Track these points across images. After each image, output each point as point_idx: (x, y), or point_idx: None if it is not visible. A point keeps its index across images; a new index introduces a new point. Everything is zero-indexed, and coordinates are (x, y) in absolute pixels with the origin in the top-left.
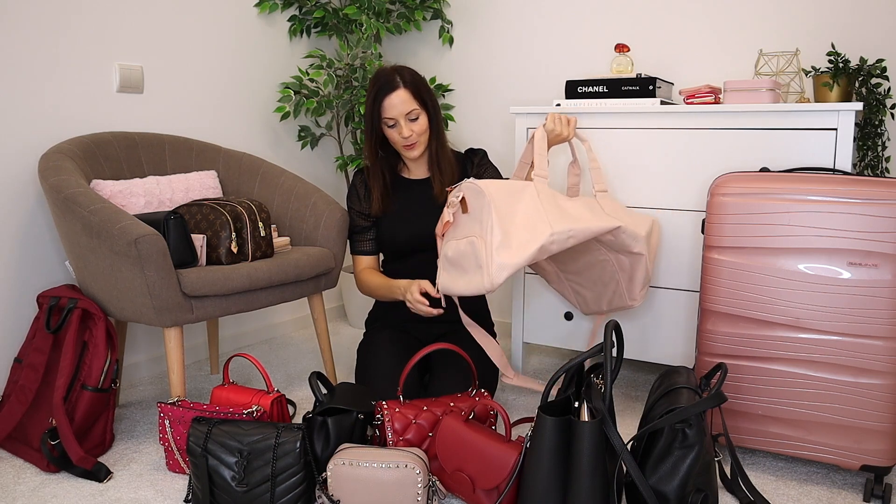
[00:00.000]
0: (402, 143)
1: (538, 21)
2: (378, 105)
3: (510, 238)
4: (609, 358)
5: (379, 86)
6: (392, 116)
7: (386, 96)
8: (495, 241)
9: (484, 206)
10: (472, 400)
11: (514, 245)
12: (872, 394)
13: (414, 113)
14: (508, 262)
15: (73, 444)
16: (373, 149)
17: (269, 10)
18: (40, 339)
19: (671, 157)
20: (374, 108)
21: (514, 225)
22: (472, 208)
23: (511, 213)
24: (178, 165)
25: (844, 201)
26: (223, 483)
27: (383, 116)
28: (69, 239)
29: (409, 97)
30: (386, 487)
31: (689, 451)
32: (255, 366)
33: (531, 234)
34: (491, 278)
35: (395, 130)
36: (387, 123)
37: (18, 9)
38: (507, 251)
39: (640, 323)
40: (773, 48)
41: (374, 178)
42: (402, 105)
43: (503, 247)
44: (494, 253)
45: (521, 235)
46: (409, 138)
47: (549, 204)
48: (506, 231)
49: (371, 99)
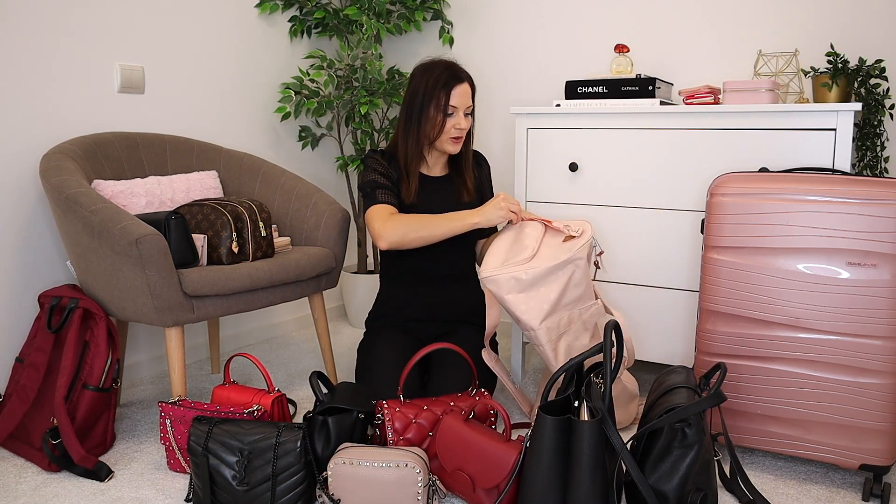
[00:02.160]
0: (454, 135)
1: (538, 22)
2: (448, 91)
3: (528, 281)
4: (609, 357)
5: (449, 74)
6: (456, 104)
7: (457, 84)
8: (529, 269)
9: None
10: (473, 399)
11: (523, 282)
12: (871, 393)
13: (469, 108)
14: (499, 275)
15: (75, 443)
16: (430, 136)
17: (270, 10)
18: (42, 338)
19: (671, 157)
20: (441, 95)
21: (538, 282)
22: (562, 250)
23: (567, 289)
24: (179, 165)
25: (843, 201)
26: (224, 482)
27: (450, 102)
28: (70, 239)
29: (470, 93)
30: (386, 487)
31: (689, 451)
32: (256, 365)
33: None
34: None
35: (453, 120)
36: (448, 111)
37: (19, 9)
38: (514, 273)
39: (639, 323)
40: (772, 49)
41: (413, 168)
42: (466, 97)
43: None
44: (519, 266)
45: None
46: (461, 131)
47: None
48: (535, 277)
49: (439, 84)
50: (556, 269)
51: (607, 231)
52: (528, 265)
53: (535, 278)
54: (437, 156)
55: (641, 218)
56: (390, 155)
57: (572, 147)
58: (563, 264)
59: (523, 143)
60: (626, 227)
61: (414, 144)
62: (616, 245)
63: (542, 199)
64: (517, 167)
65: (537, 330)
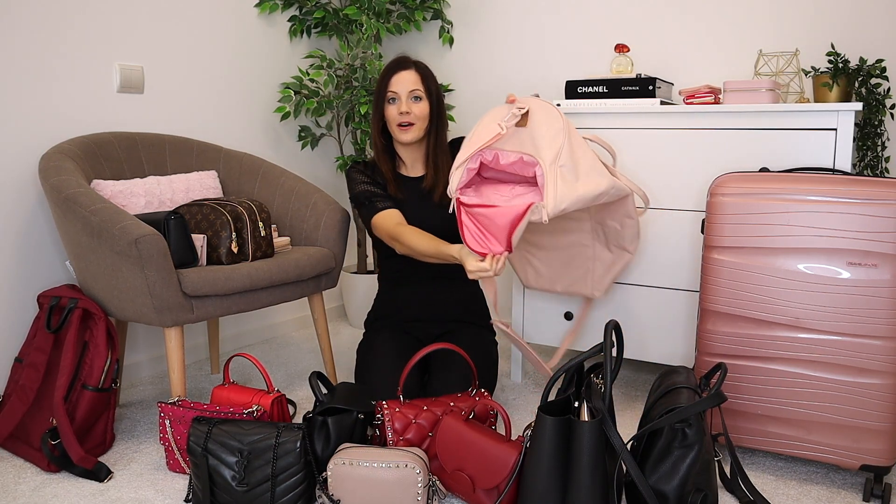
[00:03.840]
0: (399, 121)
1: (538, 21)
2: (386, 80)
3: (577, 172)
4: (609, 358)
5: (389, 65)
6: (396, 91)
7: (396, 73)
8: (564, 168)
9: (554, 128)
10: (472, 400)
11: (580, 179)
12: (872, 393)
13: (417, 93)
14: (567, 196)
15: (74, 443)
16: (377, 130)
17: (270, 10)
18: (41, 338)
19: (671, 157)
20: (381, 84)
21: (581, 162)
22: (536, 124)
23: (578, 150)
24: (179, 165)
25: (844, 201)
26: (223, 483)
27: (388, 90)
28: (70, 239)
29: (417, 79)
30: (386, 487)
31: (689, 451)
32: (256, 365)
33: (596, 177)
34: (548, 209)
35: (395, 106)
36: (389, 98)
37: (19, 9)
38: (568, 185)
39: (639, 323)
40: (772, 48)
41: (385, 168)
42: (408, 83)
43: (569, 179)
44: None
45: (586, 175)
46: (407, 116)
47: (599, 163)
48: (575, 162)
49: (381, 76)
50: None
51: None
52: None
53: (571, 166)
54: (410, 154)
55: (642, 218)
56: (372, 164)
57: None
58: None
59: None
60: None
61: (377, 144)
62: None
63: None
64: None
65: (614, 181)
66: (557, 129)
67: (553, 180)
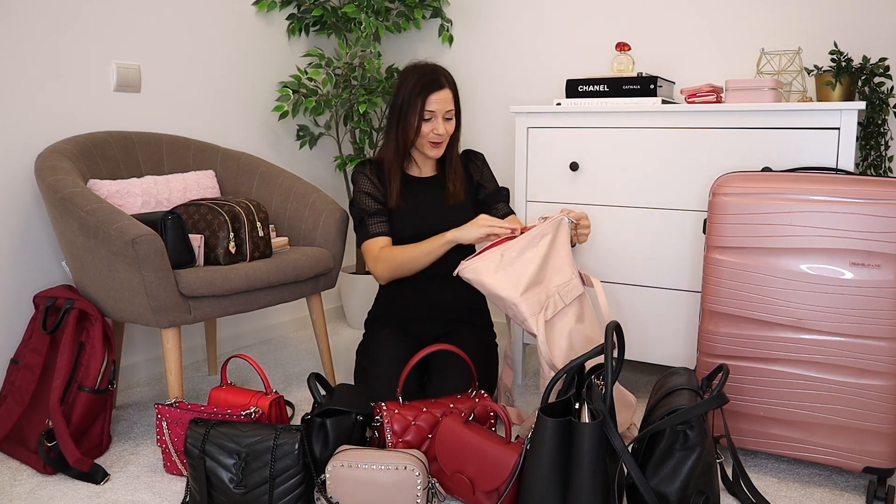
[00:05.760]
0: (432, 140)
1: (538, 19)
2: (424, 98)
3: (508, 265)
4: (610, 359)
5: (426, 81)
6: (433, 110)
7: (434, 92)
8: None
9: (546, 242)
10: (472, 401)
11: (512, 276)
12: (875, 395)
13: (450, 113)
14: (482, 274)
15: (70, 445)
16: (408, 141)
17: (268, 8)
18: (37, 339)
19: (672, 156)
20: (417, 101)
21: (518, 263)
22: (533, 235)
23: (544, 264)
24: (176, 165)
25: (847, 201)
26: (221, 485)
27: (426, 108)
28: (66, 239)
29: (451, 98)
30: (385, 489)
31: (691, 453)
32: (254, 367)
33: (513, 282)
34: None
35: (430, 125)
36: (424, 117)
37: (16, 8)
38: (502, 276)
39: (640, 323)
40: (774, 47)
41: (394, 171)
42: (444, 103)
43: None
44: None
45: (510, 273)
46: (440, 137)
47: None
48: (518, 260)
49: (416, 91)
50: (529, 246)
51: (608, 231)
52: (504, 246)
53: (510, 259)
54: (424, 157)
55: (643, 218)
56: (378, 162)
57: (573, 146)
58: (534, 238)
59: (523, 143)
60: (628, 227)
61: (395, 149)
62: (617, 245)
63: (542, 199)
64: (517, 167)
65: (519, 304)
66: (539, 229)
67: (492, 257)
